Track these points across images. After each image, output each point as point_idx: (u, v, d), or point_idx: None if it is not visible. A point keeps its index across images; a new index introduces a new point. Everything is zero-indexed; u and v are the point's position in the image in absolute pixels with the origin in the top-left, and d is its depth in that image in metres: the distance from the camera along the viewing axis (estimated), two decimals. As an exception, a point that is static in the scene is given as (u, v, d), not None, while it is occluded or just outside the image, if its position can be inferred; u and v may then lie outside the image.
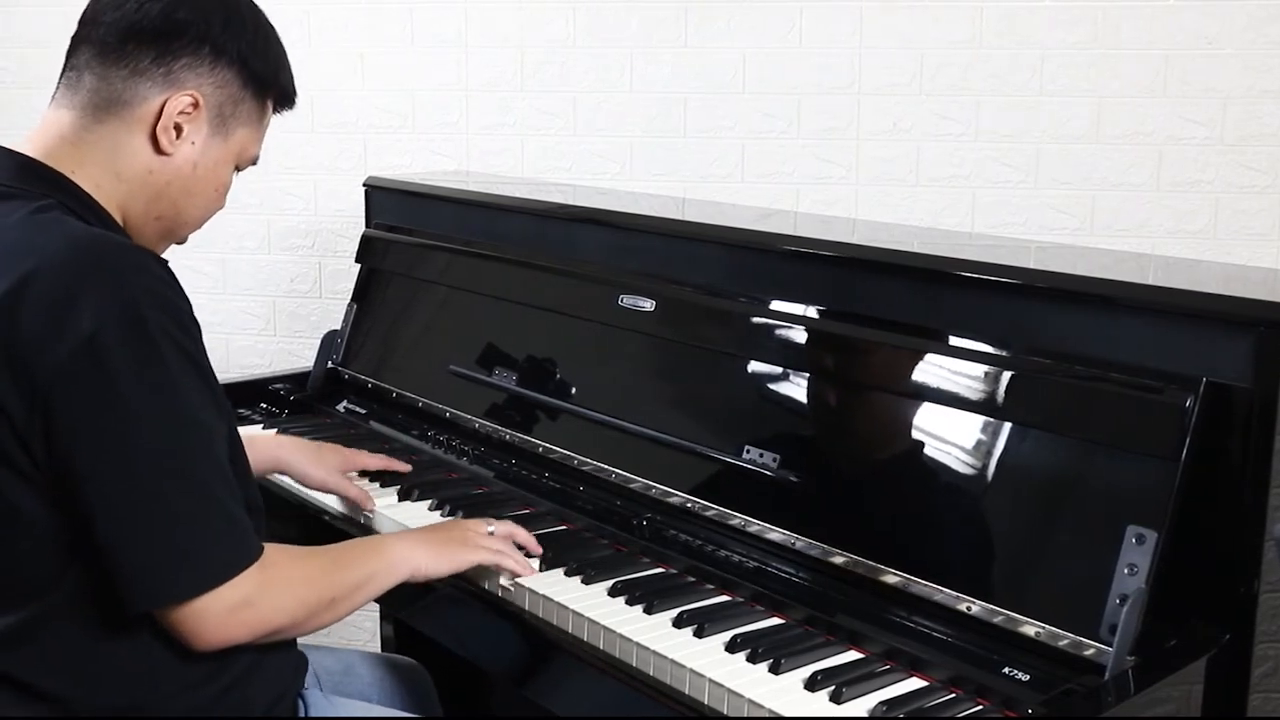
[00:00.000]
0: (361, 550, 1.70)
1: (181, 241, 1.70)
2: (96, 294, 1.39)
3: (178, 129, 1.57)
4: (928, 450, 1.72)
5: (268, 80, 1.66)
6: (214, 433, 1.48)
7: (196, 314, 1.49)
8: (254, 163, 1.72)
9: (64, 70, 1.60)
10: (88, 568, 1.43)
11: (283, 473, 2.10)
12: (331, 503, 2.12)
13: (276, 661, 1.61)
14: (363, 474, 2.17)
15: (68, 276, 1.40)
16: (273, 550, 1.52)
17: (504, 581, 1.78)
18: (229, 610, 1.45)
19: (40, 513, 1.42)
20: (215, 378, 1.52)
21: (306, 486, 2.10)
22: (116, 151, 1.56)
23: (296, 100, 1.74)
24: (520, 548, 1.83)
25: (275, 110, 1.72)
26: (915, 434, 1.75)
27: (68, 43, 1.60)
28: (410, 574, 1.70)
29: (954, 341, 1.72)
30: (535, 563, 1.81)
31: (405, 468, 2.18)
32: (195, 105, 1.58)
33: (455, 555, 1.74)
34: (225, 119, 1.62)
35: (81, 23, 1.59)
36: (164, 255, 1.56)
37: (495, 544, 1.78)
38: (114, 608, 1.43)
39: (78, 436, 1.38)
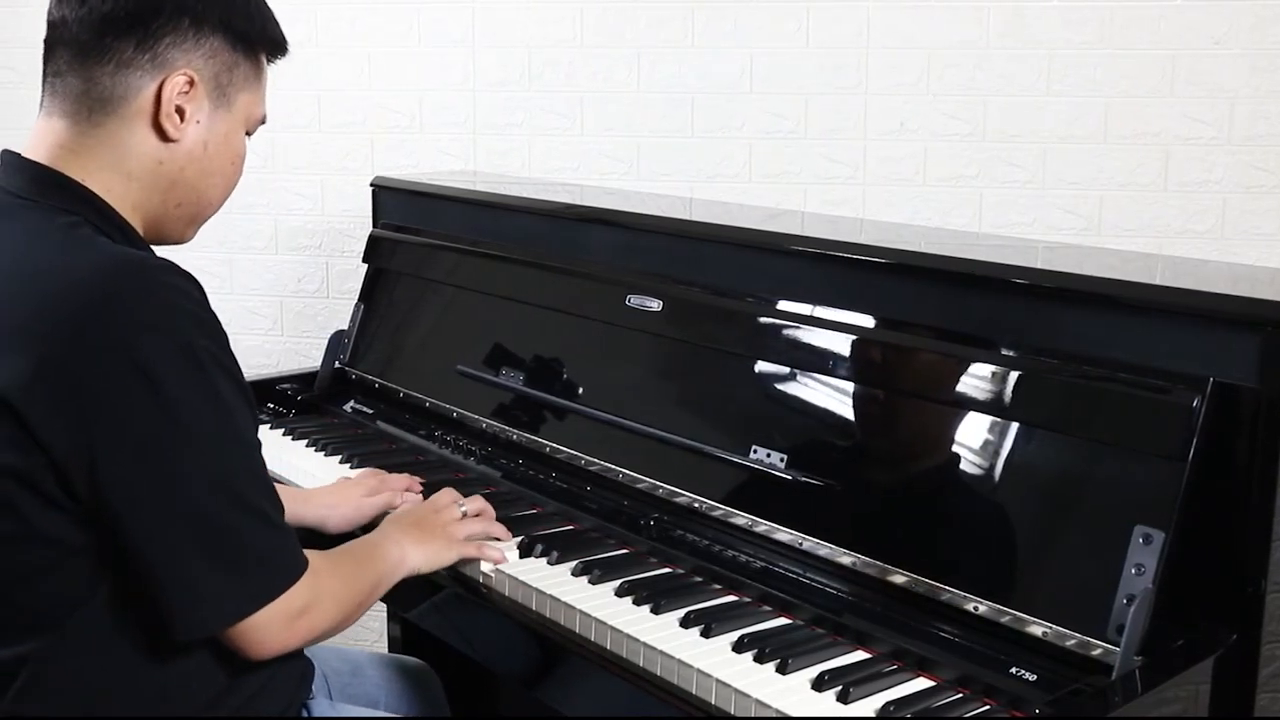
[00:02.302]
0: (368, 554, 1.72)
1: (207, 219, 1.65)
2: (144, 321, 1.36)
3: (180, 112, 1.51)
4: (935, 450, 1.72)
5: (255, 36, 1.59)
6: (258, 450, 1.49)
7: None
8: (263, 122, 1.66)
9: (45, 77, 1.54)
10: (113, 590, 1.42)
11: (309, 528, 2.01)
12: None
13: (286, 674, 1.60)
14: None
15: (113, 303, 1.36)
16: (312, 557, 1.53)
17: (486, 569, 1.82)
18: (289, 619, 1.47)
19: (73, 541, 1.39)
20: (253, 397, 1.51)
21: (339, 534, 2.03)
22: (121, 151, 1.51)
23: (288, 46, 1.66)
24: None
25: (269, 61, 1.65)
26: (922, 434, 1.75)
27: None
28: (407, 574, 1.76)
29: (961, 342, 1.72)
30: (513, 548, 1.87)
31: (419, 487, 2.11)
32: (191, 83, 1.51)
33: (441, 554, 1.80)
34: (224, 88, 1.56)
35: (50, 25, 1.53)
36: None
37: (473, 529, 1.85)
38: (131, 632, 1.43)
39: (130, 464, 1.36)
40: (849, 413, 1.84)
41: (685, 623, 1.64)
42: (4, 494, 1.37)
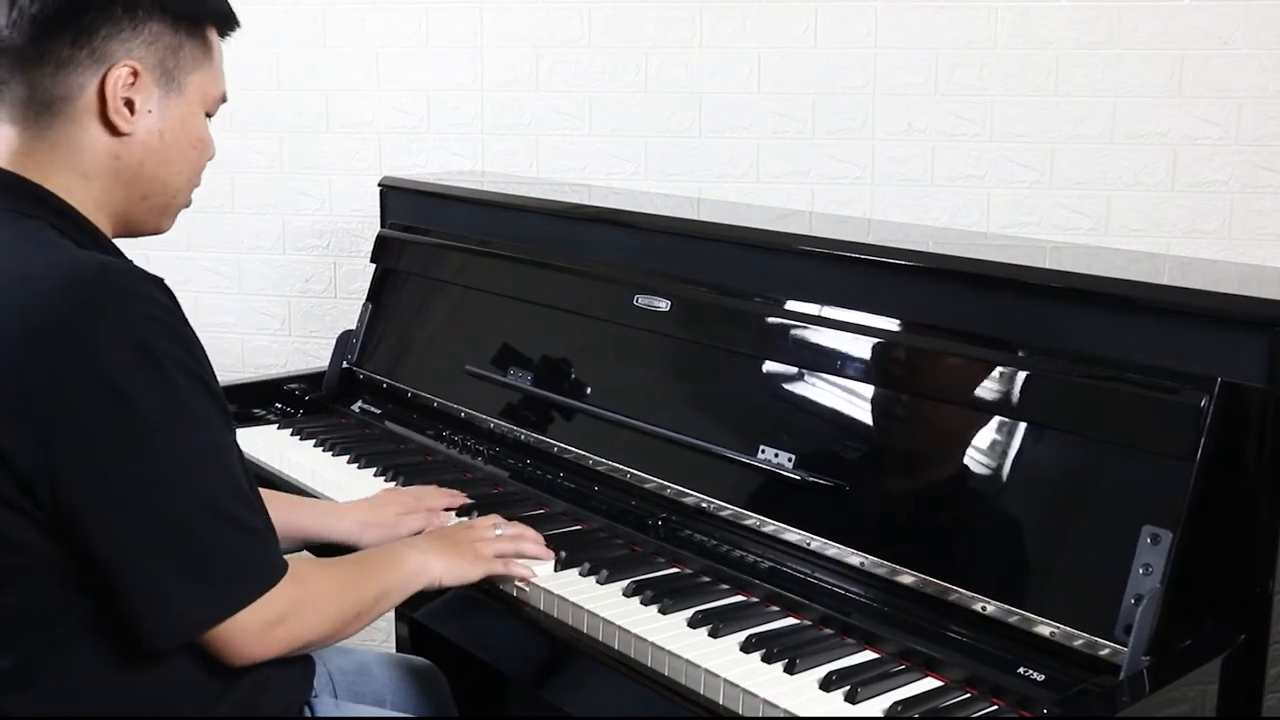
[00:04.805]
0: (381, 562, 1.69)
1: (186, 205, 1.61)
2: (105, 329, 1.34)
3: (129, 104, 1.47)
4: (943, 450, 1.72)
5: (195, 14, 1.54)
6: (230, 452, 1.46)
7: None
8: (224, 100, 1.60)
9: None
10: (94, 602, 1.40)
11: (336, 543, 1.94)
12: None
13: (286, 674, 1.58)
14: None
15: (74, 311, 1.34)
16: (302, 564, 1.50)
17: (519, 582, 1.79)
18: (264, 626, 1.44)
19: (43, 548, 1.37)
20: (224, 397, 1.47)
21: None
22: (74, 151, 1.47)
23: (238, 19, 1.60)
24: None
25: (222, 36, 1.59)
26: (930, 434, 1.75)
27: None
28: (426, 585, 1.71)
29: (968, 341, 1.72)
30: (548, 564, 1.82)
31: (462, 500, 2.05)
32: (135, 74, 1.47)
33: (467, 570, 1.75)
34: (171, 73, 1.51)
35: None
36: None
37: (504, 547, 1.79)
38: (121, 638, 1.41)
39: (93, 474, 1.34)
40: (857, 413, 1.84)
41: (693, 623, 1.64)
42: None
